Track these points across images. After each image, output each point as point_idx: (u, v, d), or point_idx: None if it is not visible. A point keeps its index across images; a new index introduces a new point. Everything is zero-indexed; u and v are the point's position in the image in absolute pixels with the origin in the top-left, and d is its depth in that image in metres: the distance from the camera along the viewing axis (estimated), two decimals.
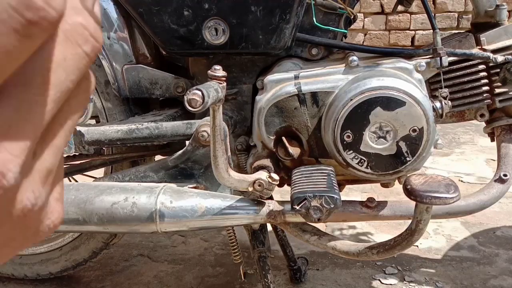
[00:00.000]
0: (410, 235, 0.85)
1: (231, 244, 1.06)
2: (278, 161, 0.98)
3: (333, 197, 0.80)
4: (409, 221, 0.87)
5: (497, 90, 1.01)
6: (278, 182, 0.86)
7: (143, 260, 1.53)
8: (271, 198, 0.96)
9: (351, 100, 0.88)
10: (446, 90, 0.95)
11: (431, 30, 0.97)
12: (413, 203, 0.84)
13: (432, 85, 1.01)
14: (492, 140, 1.10)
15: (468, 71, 1.00)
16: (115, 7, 1.04)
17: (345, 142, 0.90)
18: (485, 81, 1.01)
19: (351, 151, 0.90)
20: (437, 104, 0.92)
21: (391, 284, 1.36)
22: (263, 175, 0.86)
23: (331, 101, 0.93)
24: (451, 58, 0.97)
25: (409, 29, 3.85)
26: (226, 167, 0.82)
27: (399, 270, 1.42)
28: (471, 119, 1.07)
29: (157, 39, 1.00)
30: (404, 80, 0.90)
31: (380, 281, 1.37)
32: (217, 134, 0.78)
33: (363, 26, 3.87)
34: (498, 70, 0.99)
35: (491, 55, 0.96)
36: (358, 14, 2.87)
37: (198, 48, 0.99)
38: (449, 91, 0.96)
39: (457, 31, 2.24)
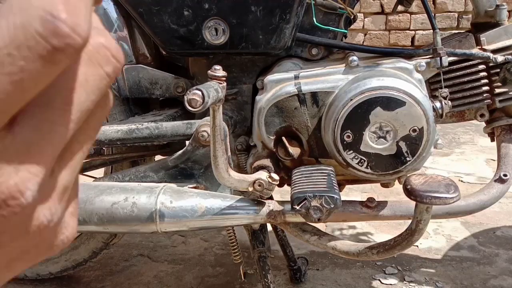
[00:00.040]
0: (410, 235, 0.85)
1: (231, 244, 1.06)
2: (278, 161, 0.98)
3: (333, 197, 0.80)
4: (409, 221, 0.87)
5: (497, 90, 1.01)
6: (278, 182, 0.86)
7: (143, 260, 1.53)
8: (271, 198, 0.96)
9: (351, 100, 0.88)
10: (446, 90, 0.95)
11: (431, 30, 0.97)
12: (413, 203, 0.84)
13: (432, 85, 1.01)
14: (492, 140, 1.10)
15: (468, 71, 1.00)
16: (115, 7, 1.04)
17: (345, 142, 0.90)
18: (485, 81, 1.01)
19: (351, 151, 0.90)
20: (437, 104, 0.92)
21: (391, 284, 1.36)
22: (263, 175, 0.86)
23: (331, 101, 0.93)
24: (451, 58, 0.97)
25: (409, 29, 3.85)
26: (226, 167, 0.82)
27: (399, 270, 1.42)
28: (471, 119, 1.07)
29: (157, 39, 1.00)
30: (404, 80, 0.90)
31: (380, 281, 1.37)
32: (217, 134, 0.78)
33: (363, 26, 3.87)
34: (498, 70, 0.99)
35: (491, 55, 0.96)
36: (358, 14, 2.87)
37: (198, 48, 0.99)
38: (449, 91, 0.96)
39: (457, 31, 2.24)
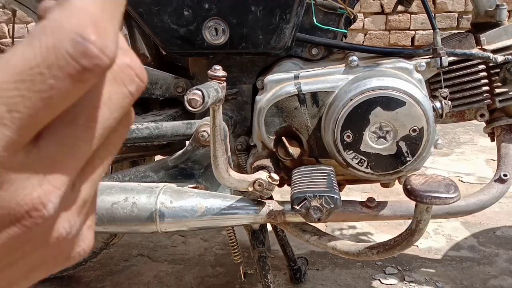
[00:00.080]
0: (410, 235, 0.85)
1: (231, 244, 1.06)
2: (278, 161, 0.98)
3: (333, 197, 0.80)
4: (409, 221, 0.87)
5: (497, 90, 1.01)
6: (278, 182, 0.86)
7: (143, 260, 1.53)
8: (271, 198, 0.96)
9: (351, 100, 0.88)
10: (446, 90, 0.95)
11: (431, 30, 0.97)
12: (413, 203, 0.84)
13: (432, 85, 1.01)
14: (492, 140, 1.10)
15: (468, 71, 1.00)
16: None
17: (345, 142, 0.90)
18: (485, 81, 1.01)
19: (351, 151, 0.90)
20: (437, 104, 0.92)
21: (391, 284, 1.36)
22: (263, 175, 0.86)
23: (331, 101, 0.93)
24: (451, 58, 0.97)
25: (409, 29, 3.85)
26: (226, 167, 0.82)
27: (399, 270, 1.42)
28: (471, 119, 1.07)
29: (157, 39, 1.00)
30: (404, 80, 0.90)
31: (380, 281, 1.37)
32: (217, 134, 0.78)
33: (363, 26, 3.87)
34: (498, 70, 0.99)
35: (491, 55, 0.96)
36: (358, 14, 2.87)
37: (198, 48, 0.98)
38: (449, 91, 0.96)
39: (457, 31, 2.24)
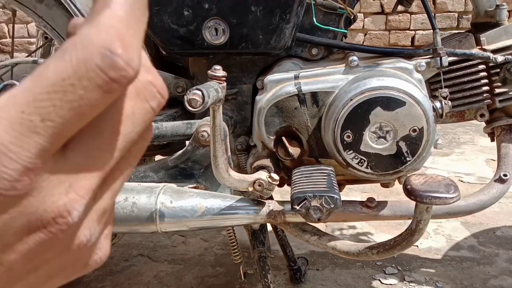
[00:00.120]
0: (410, 235, 0.85)
1: (231, 244, 1.06)
2: (278, 161, 0.98)
3: (333, 197, 0.80)
4: (409, 221, 0.87)
5: (497, 90, 1.01)
6: (278, 182, 0.86)
7: (143, 260, 1.53)
8: (271, 198, 0.96)
9: (351, 100, 0.88)
10: (446, 90, 0.95)
11: (431, 30, 0.97)
12: (413, 203, 0.84)
13: (432, 85, 1.01)
14: (492, 140, 1.10)
15: (468, 71, 1.00)
16: None
17: (345, 142, 0.90)
18: (485, 81, 1.01)
19: (351, 151, 0.90)
20: (437, 104, 0.92)
21: (391, 284, 1.36)
22: (263, 175, 0.86)
23: (331, 101, 0.93)
24: (451, 58, 0.97)
25: (409, 29, 3.85)
26: (226, 167, 0.82)
27: (399, 270, 1.42)
28: (471, 119, 1.07)
29: (157, 39, 1.00)
30: (404, 80, 0.90)
31: (380, 281, 1.37)
32: (217, 134, 0.78)
33: (363, 26, 3.87)
34: (498, 70, 0.99)
35: (491, 55, 0.96)
36: (358, 14, 2.87)
37: (198, 48, 0.98)
38: (449, 91, 0.96)
39: (457, 31, 2.24)
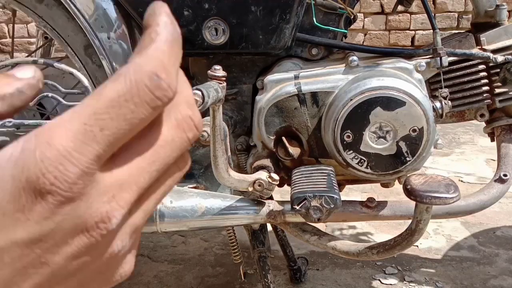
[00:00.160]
0: (410, 235, 0.85)
1: (231, 244, 1.06)
2: (278, 161, 0.98)
3: (333, 197, 0.80)
4: (409, 221, 0.87)
5: (497, 90, 1.01)
6: (278, 182, 0.86)
7: (143, 260, 1.53)
8: (271, 198, 0.96)
9: (351, 100, 0.88)
10: (446, 90, 0.95)
11: (431, 30, 0.97)
12: (413, 203, 0.84)
13: (432, 85, 1.01)
14: (492, 140, 1.10)
15: (468, 71, 1.00)
16: (115, 7, 1.04)
17: (345, 142, 0.90)
18: (485, 81, 1.01)
19: (351, 151, 0.90)
20: (437, 104, 0.92)
21: (391, 284, 1.36)
22: (263, 175, 0.86)
23: (331, 101, 0.93)
24: (451, 58, 0.97)
25: (409, 29, 3.85)
26: (226, 167, 0.82)
27: (399, 270, 1.42)
28: (471, 119, 1.07)
29: None
30: (404, 80, 0.90)
31: (380, 281, 1.37)
32: (217, 134, 0.78)
33: (363, 26, 3.87)
34: (498, 70, 0.99)
35: (491, 55, 0.96)
36: (358, 14, 2.87)
37: (198, 48, 0.98)
38: (449, 91, 0.96)
39: (457, 31, 2.24)
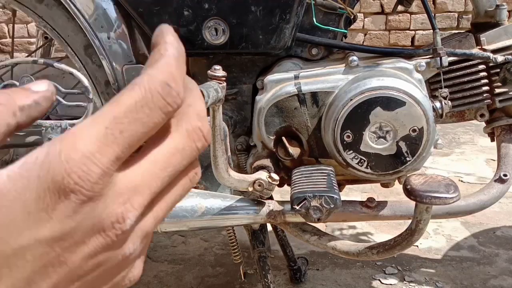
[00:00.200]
0: (410, 235, 0.85)
1: (231, 244, 1.06)
2: (278, 161, 0.98)
3: (333, 197, 0.80)
4: (409, 221, 0.87)
5: (497, 90, 1.01)
6: (278, 182, 0.86)
7: None
8: (271, 198, 0.96)
9: (351, 100, 0.88)
10: (446, 90, 0.95)
11: (431, 30, 0.97)
12: (413, 203, 0.84)
13: (432, 85, 1.01)
14: (492, 140, 1.10)
15: (468, 71, 1.00)
16: (115, 7, 1.04)
17: (345, 142, 0.90)
18: (485, 81, 1.01)
19: (351, 151, 0.90)
20: (437, 104, 0.92)
21: (391, 284, 1.36)
22: (263, 175, 0.86)
23: (331, 101, 0.93)
24: (451, 58, 0.97)
25: (409, 29, 3.85)
26: (226, 167, 0.82)
27: (399, 270, 1.42)
28: (471, 119, 1.07)
29: None
30: (404, 80, 0.90)
31: (380, 281, 1.37)
32: (217, 134, 0.78)
33: (363, 26, 3.87)
34: (498, 70, 0.99)
35: (491, 55, 0.96)
36: (358, 14, 2.86)
37: (198, 48, 0.98)
38: (449, 91, 0.96)
39: (457, 31, 2.24)
